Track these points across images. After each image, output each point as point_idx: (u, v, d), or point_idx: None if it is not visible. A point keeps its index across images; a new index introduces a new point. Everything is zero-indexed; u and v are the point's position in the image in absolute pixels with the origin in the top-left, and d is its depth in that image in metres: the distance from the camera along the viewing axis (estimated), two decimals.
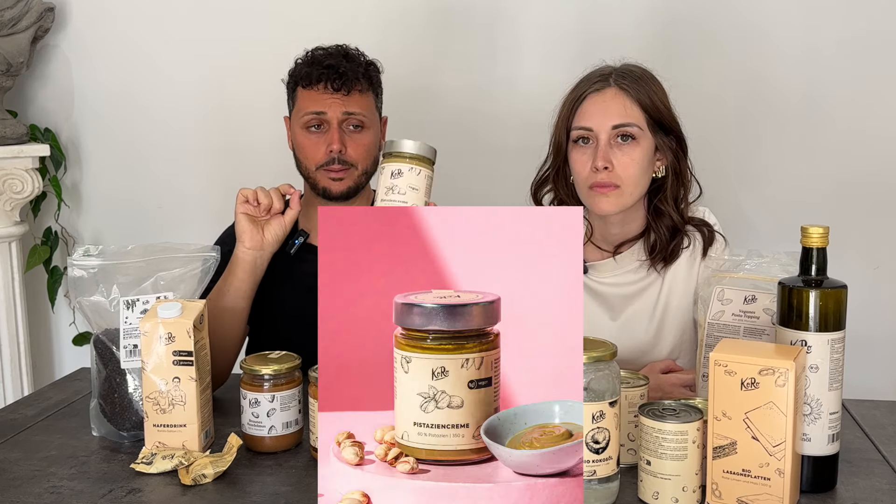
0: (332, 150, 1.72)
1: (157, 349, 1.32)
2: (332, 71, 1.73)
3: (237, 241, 1.66)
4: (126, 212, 2.84)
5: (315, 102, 1.74)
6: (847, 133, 2.53)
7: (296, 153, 1.81)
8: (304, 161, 1.78)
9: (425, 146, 1.37)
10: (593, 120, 1.60)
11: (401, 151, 1.37)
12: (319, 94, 1.74)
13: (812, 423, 1.18)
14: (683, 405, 1.20)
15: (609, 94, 1.60)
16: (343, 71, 1.73)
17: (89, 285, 1.44)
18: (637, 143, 1.59)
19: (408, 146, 1.37)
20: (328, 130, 1.74)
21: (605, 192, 1.59)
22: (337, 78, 1.73)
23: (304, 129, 1.76)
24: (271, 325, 1.80)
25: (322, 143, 1.74)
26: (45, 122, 2.83)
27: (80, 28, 2.79)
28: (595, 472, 1.13)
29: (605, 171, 1.58)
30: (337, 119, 1.73)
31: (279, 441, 1.36)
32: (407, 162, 1.36)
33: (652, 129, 1.61)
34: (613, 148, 1.59)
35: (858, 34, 2.49)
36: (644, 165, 1.60)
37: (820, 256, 1.19)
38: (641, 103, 1.60)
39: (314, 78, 1.74)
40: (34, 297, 2.88)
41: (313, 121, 1.74)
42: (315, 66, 1.75)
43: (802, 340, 1.17)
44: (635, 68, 1.65)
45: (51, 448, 1.40)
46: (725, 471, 1.13)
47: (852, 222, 2.51)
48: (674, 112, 1.65)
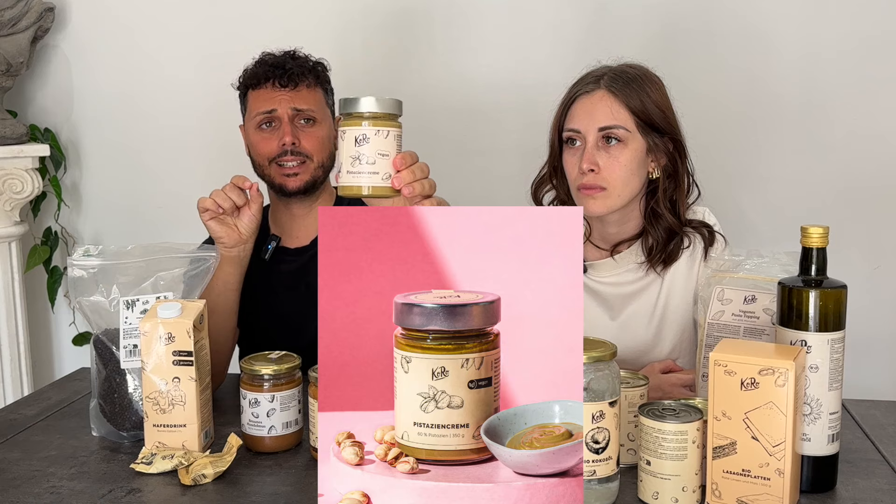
0: (285, 143, 1.73)
1: (156, 349, 1.32)
2: (278, 69, 1.75)
3: (217, 245, 1.63)
4: (126, 212, 2.84)
5: (264, 101, 1.75)
6: (847, 133, 2.53)
7: (251, 154, 1.82)
8: (256, 158, 1.79)
9: (389, 101, 1.22)
10: (581, 122, 1.61)
11: (361, 112, 1.21)
12: (268, 93, 1.75)
13: (812, 423, 1.18)
14: (683, 405, 1.20)
15: (597, 96, 1.61)
16: (289, 68, 1.75)
17: (89, 285, 1.44)
18: (624, 146, 1.59)
19: (368, 104, 1.21)
20: (279, 127, 1.75)
21: (592, 193, 1.60)
22: (283, 75, 1.75)
23: (257, 128, 1.77)
24: (257, 329, 1.81)
25: (274, 139, 1.75)
26: (44, 122, 2.83)
27: (80, 28, 2.79)
28: (595, 472, 1.13)
29: (592, 173, 1.59)
30: (287, 115, 1.74)
31: (279, 441, 1.36)
32: (372, 124, 1.22)
33: (642, 131, 1.60)
34: (601, 150, 1.59)
35: (859, 35, 2.49)
36: (632, 167, 1.60)
37: (820, 256, 1.19)
38: (630, 105, 1.59)
39: (261, 77, 1.76)
40: (34, 297, 2.88)
41: (264, 119, 1.76)
42: (261, 66, 1.78)
43: (802, 340, 1.17)
44: (631, 69, 1.64)
45: (51, 448, 1.40)
46: (725, 471, 1.13)
47: (852, 222, 2.51)
48: (673, 114, 1.64)
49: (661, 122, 1.61)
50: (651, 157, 1.63)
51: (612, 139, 1.59)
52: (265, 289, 1.78)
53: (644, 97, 1.60)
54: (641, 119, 1.59)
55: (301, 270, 1.78)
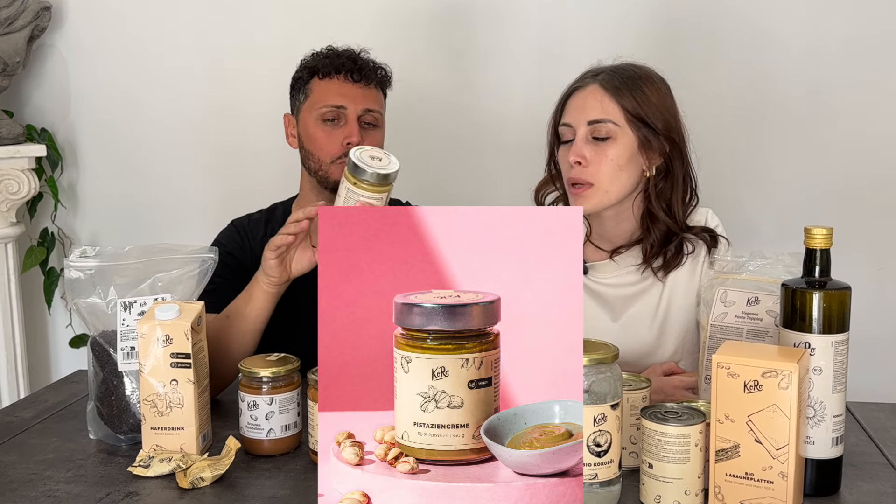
0: (351, 143, 1.69)
1: (154, 351, 1.31)
2: (352, 63, 1.73)
3: (262, 271, 1.57)
4: (123, 213, 2.83)
5: (335, 95, 1.73)
6: (851, 133, 2.52)
7: (306, 146, 1.78)
8: (316, 153, 1.75)
9: (368, 171, 1.45)
10: (572, 116, 1.61)
11: (351, 173, 1.47)
12: (340, 86, 1.73)
13: (816, 426, 1.17)
14: (686, 408, 1.19)
15: (589, 90, 1.60)
16: (361, 64, 1.74)
17: (86, 287, 1.43)
18: (613, 141, 1.58)
19: (350, 166, 1.47)
20: (344, 124, 1.73)
21: (580, 191, 1.60)
22: (357, 70, 1.73)
23: (321, 120, 1.74)
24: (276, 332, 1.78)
25: (339, 136, 1.72)
26: (41, 122, 2.82)
27: (77, 27, 2.78)
28: (596, 476, 1.12)
29: (580, 166, 1.58)
30: (356, 113, 1.72)
31: (278, 444, 1.35)
32: (349, 181, 1.47)
33: (634, 127, 1.58)
34: (588, 144, 1.59)
35: (863, 32, 2.48)
36: (620, 163, 1.58)
37: (824, 258, 1.18)
38: (620, 100, 1.58)
39: (334, 68, 1.73)
40: (30, 298, 2.87)
41: (330, 113, 1.73)
42: (333, 57, 1.75)
43: (806, 342, 1.16)
44: (630, 68, 1.63)
45: (47, 451, 1.39)
46: (728, 474, 1.12)
47: (856, 223, 2.50)
48: (674, 116, 1.62)
49: (656, 120, 1.59)
50: (644, 154, 1.61)
51: (601, 133, 1.58)
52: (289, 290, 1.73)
53: (638, 94, 1.59)
54: (633, 115, 1.58)
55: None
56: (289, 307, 1.66)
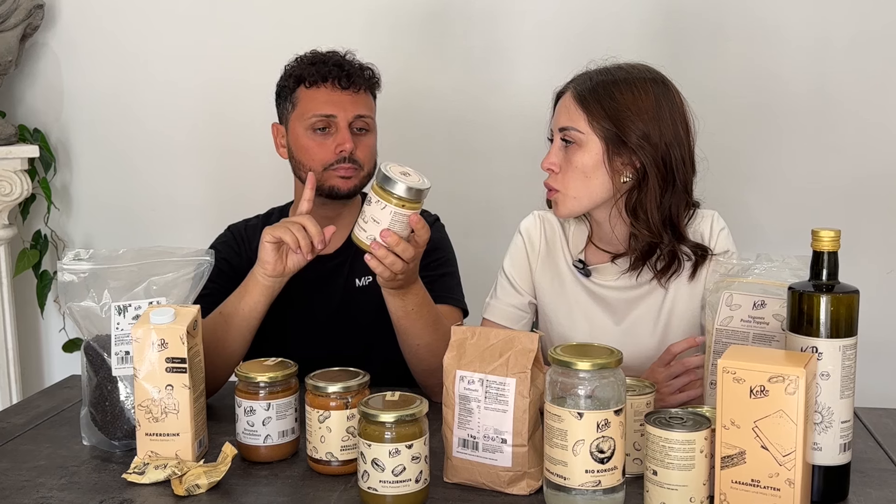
0: (344, 150, 1.68)
1: (149, 356, 1.29)
2: (339, 69, 1.70)
3: (259, 264, 1.56)
4: (117, 215, 2.82)
5: (324, 104, 1.70)
6: (859, 133, 2.51)
7: (297, 156, 1.75)
8: (308, 163, 1.72)
9: (402, 185, 1.35)
10: (553, 122, 1.63)
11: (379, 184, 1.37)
12: (328, 94, 1.70)
13: (823, 432, 1.16)
14: (691, 413, 1.17)
15: (565, 96, 1.61)
16: (349, 70, 1.71)
17: (80, 290, 1.41)
18: (578, 148, 1.57)
19: (380, 178, 1.37)
20: (335, 132, 1.70)
21: (551, 196, 1.61)
22: (345, 77, 1.70)
23: (310, 130, 1.71)
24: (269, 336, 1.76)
25: (330, 143, 1.70)
26: (34, 123, 2.80)
27: (69, 26, 2.77)
28: (600, 483, 1.12)
29: (552, 173, 1.59)
30: (347, 120, 1.70)
31: (275, 450, 1.33)
32: (376, 193, 1.37)
33: (599, 135, 1.55)
34: (561, 151, 1.59)
35: (870, 29, 2.48)
36: (586, 171, 1.56)
37: (831, 260, 1.17)
38: (586, 107, 1.56)
39: (320, 76, 1.71)
40: (23, 302, 2.85)
41: (320, 123, 1.71)
42: (319, 64, 1.72)
43: (813, 347, 1.15)
44: (612, 71, 1.59)
45: (40, 458, 1.38)
46: (734, 481, 1.11)
47: (864, 225, 2.50)
48: (657, 119, 1.54)
49: (626, 127, 1.53)
50: (614, 161, 1.56)
51: (568, 140, 1.58)
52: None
53: (606, 101, 1.54)
54: (598, 122, 1.55)
55: (321, 279, 1.74)
56: (281, 314, 1.64)
